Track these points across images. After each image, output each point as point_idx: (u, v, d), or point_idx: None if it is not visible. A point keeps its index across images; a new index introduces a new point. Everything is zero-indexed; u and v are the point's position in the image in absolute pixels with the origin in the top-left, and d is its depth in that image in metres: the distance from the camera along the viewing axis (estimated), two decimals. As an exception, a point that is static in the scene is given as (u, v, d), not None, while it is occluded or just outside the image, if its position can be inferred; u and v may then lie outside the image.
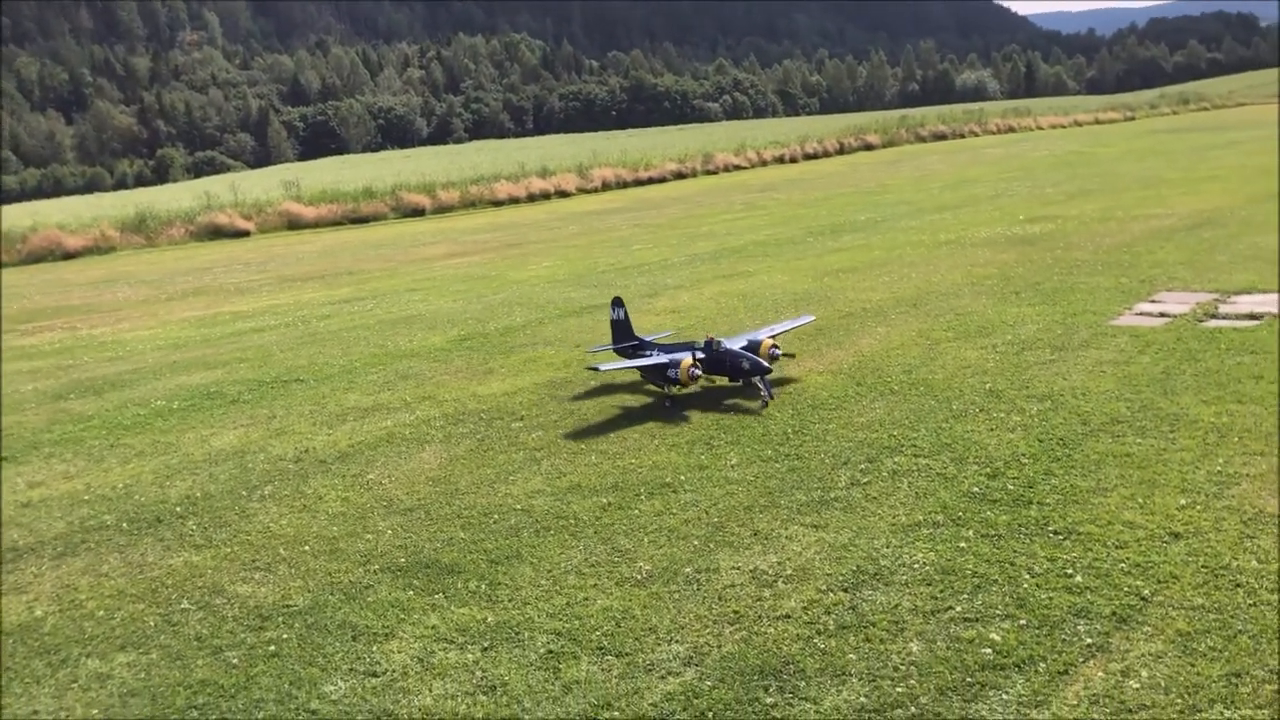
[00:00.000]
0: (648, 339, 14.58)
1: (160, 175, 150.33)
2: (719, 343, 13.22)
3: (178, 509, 10.86)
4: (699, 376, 12.90)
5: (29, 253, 40.22)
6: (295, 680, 7.25)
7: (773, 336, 13.86)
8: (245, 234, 44.99)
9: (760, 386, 12.82)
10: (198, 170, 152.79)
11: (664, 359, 13.28)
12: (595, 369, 14.27)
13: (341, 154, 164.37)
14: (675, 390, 13.30)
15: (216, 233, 44.60)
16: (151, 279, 32.48)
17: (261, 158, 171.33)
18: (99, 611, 8.57)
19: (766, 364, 12.79)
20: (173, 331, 22.05)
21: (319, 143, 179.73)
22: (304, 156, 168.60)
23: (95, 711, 7.04)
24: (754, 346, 13.27)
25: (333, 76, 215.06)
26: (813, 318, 15.15)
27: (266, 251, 39.25)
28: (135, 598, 8.78)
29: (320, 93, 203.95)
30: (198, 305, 26.01)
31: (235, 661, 7.58)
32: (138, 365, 18.45)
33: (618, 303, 14.69)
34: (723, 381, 13.57)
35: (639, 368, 13.59)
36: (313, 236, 44.03)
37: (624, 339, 14.52)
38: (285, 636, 7.90)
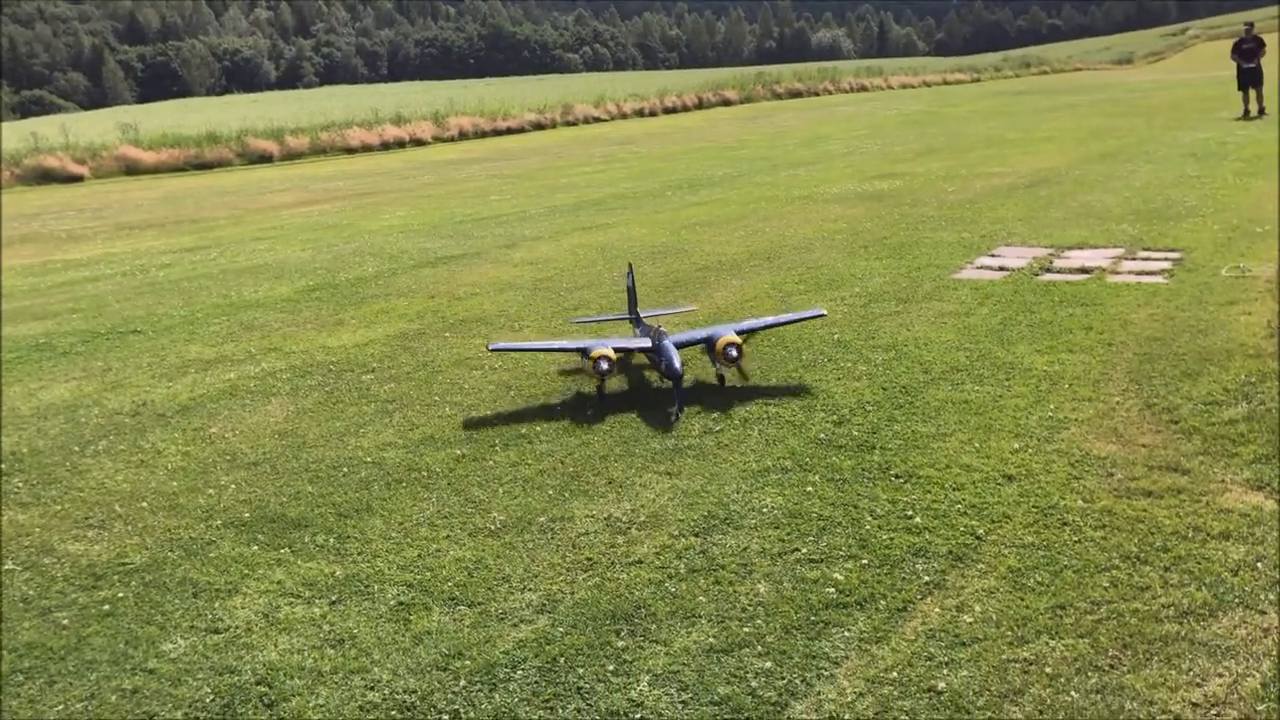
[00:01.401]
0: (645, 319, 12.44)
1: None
2: (657, 331, 11.25)
3: (2, 466, 10.26)
4: (608, 371, 10.60)
5: None
6: (131, 639, 6.97)
7: (751, 330, 11.91)
8: (79, 179, 42.53)
9: (674, 395, 10.72)
10: (24, 110, 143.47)
11: (586, 343, 11.14)
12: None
13: (184, 97, 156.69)
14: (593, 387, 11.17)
15: (46, 177, 42.01)
16: (-27, 225, 30.45)
17: (96, 99, 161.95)
18: (-87, 575, 8.05)
19: (677, 366, 10.51)
20: (-3, 280, 20.74)
21: (159, 85, 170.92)
22: (143, 99, 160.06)
23: (-91, 679, 6.63)
24: (711, 341, 11.02)
25: (174, 15, 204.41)
26: (823, 312, 12.37)
27: (102, 198, 37.23)
28: (-46, 559, 8.28)
29: (160, 32, 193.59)
30: (27, 253, 24.54)
31: (66, 622, 7.24)
32: (-43, 316, 17.31)
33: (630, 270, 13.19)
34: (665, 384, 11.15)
35: (562, 349, 11.62)
36: (153, 183, 41.92)
37: (631, 309, 12.81)
38: (121, 595, 7.58)
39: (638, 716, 5.86)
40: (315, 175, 41.07)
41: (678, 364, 10.53)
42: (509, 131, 58.12)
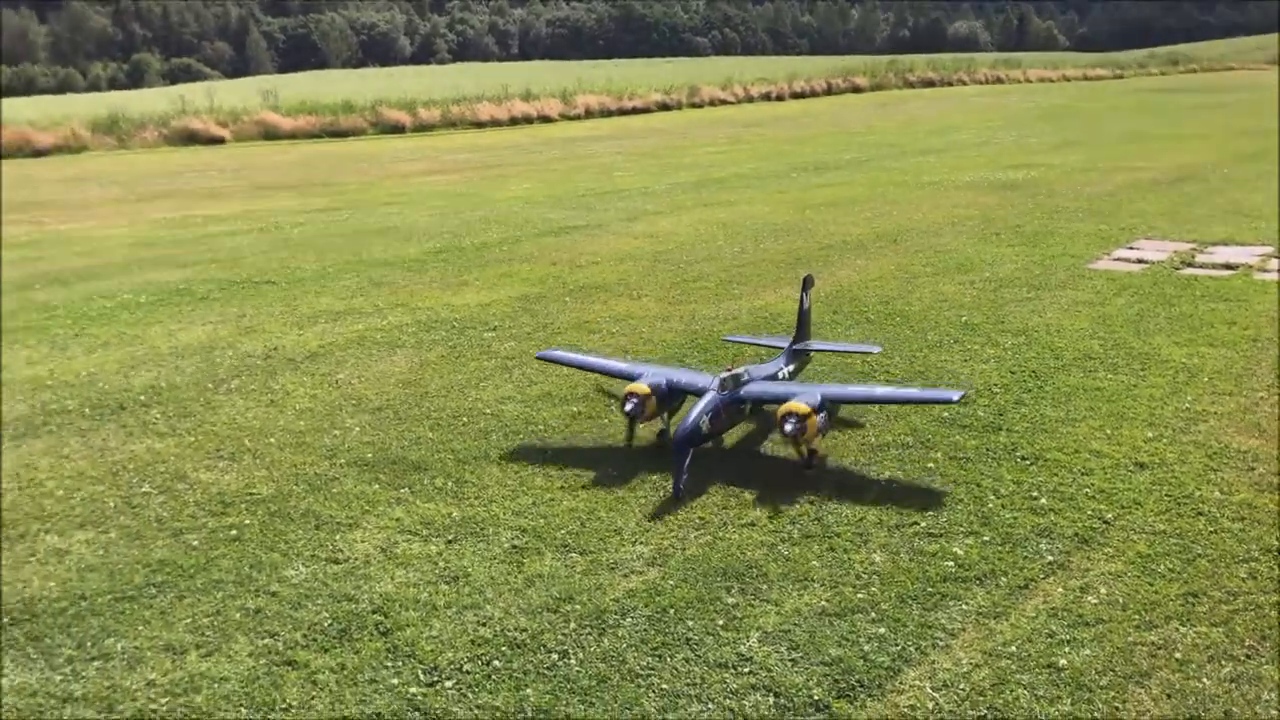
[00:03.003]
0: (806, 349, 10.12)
1: (135, 80, 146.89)
2: (742, 376, 8.70)
3: (141, 398, 10.71)
4: (634, 412, 8.53)
5: (-3, 148, 39.30)
6: (256, 564, 7.20)
7: (853, 401, 9.28)
8: (220, 141, 44.11)
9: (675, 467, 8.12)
10: (173, 77, 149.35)
11: (638, 368, 9.27)
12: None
13: (321, 68, 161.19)
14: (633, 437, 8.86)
15: (190, 138, 43.68)
16: (122, 180, 31.85)
17: (239, 67, 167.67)
18: (58, 491, 8.46)
19: (686, 429, 8.08)
20: (142, 231, 21.66)
21: (298, 56, 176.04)
22: (283, 69, 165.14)
23: (52, 584, 6.97)
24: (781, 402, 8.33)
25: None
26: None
27: (241, 159, 38.54)
28: (95, 480, 8.68)
29: (302, 5, 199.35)
30: (168, 207, 25.54)
31: (196, 544, 7.52)
32: (105, 261, 18.13)
33: (808, 284, 10.19)
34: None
35: (609, 372, 9.67)
36: (289, 147, 43.24)
37: (802, 336, 10.07)
38: (247, 522, 7.84)
39: (746, 670, 5.82)
40: (445, 147, 41.81)
41: (690, 427, 8.05)
42: (635, 111, 58.22)
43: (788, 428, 7.96)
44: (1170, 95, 64.95)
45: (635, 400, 8.53)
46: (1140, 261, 15.47)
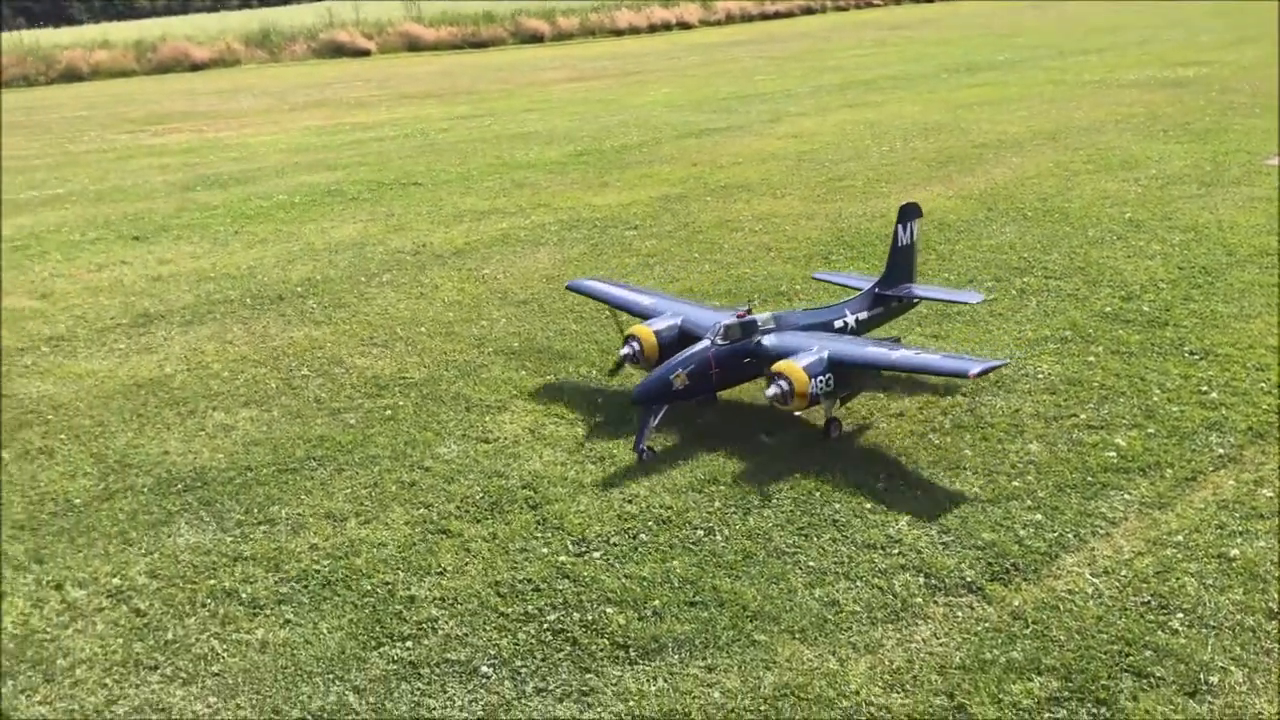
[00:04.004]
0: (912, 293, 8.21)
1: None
2: (759, 324, 7.26)
3: (298, 289, 11.08)
4: (628, 357, 7.51)
5: (158, 63, 40.82)
6: (410, 441, 7.41)
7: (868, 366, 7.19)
8: (366, 53, 44.86)
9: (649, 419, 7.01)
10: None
11: (656, 304, 8.03)
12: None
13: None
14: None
15: (338, 50, 44.55)
16: (274, 91, 32.74)
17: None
18: (224, 373, 8.85)
19: (643, 386, 7.01)
20: (295, 138, 22.25)
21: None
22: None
23: (220, 456, 7.32)
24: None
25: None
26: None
27: (386, 70, 39.13)
28: (258, 363, 9.04)
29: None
30: (319, 116, 26.15)
31: (353, 422, 7.77)
32: (261, 165, 18.72)
33: (909, 214, 8.16)
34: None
35: (629, 309, 8.18)
36: (432, 58, 43.70)
37: (896, 278, 8.14)
38: (401, 404, 8.06)
39: (895, 551, 5.73)
40: (584, 55, 41.60)
41: (654, 381, 6.97)
42: (776, 16, 56.75)
43: (770, 391, 6.74)
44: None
45: (634, 346, 7.44)
46: (1325, 157, 14.38)
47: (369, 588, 5.69)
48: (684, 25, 52.49)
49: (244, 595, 5.68)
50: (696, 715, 4.64)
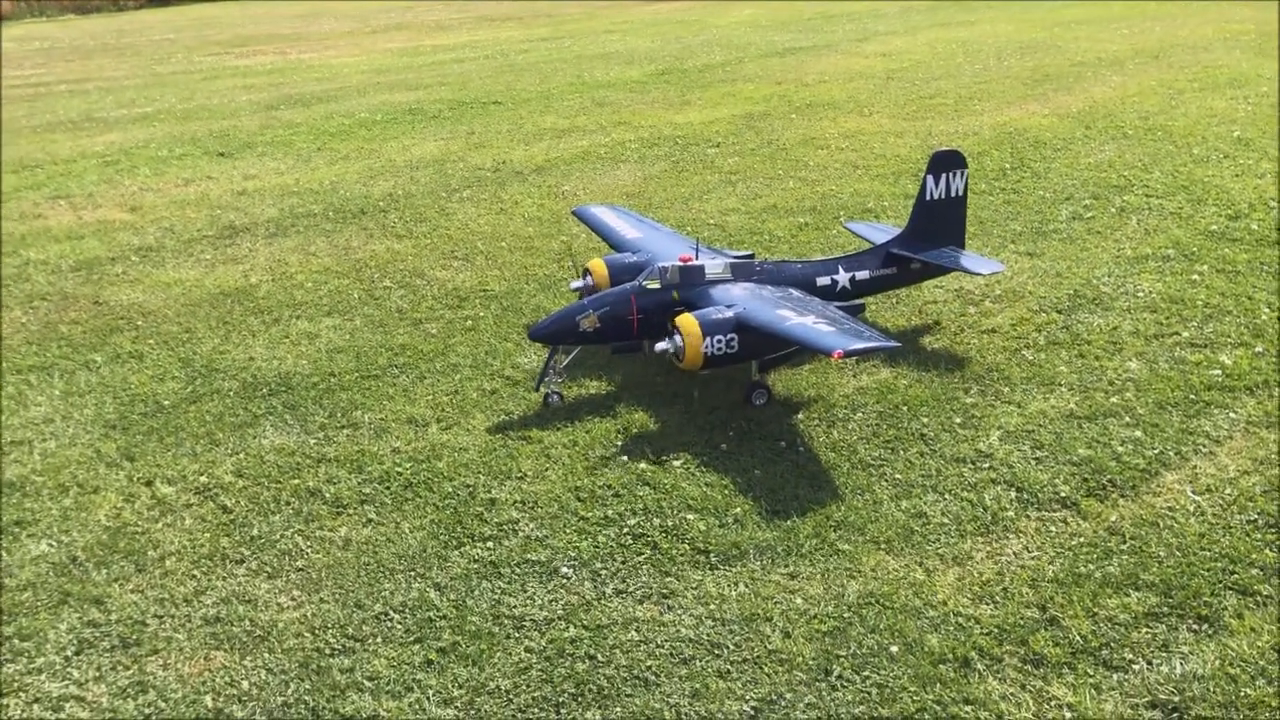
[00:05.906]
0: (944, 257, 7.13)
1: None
2: (705, 272, 6.64)
3: (380, 204, 11.08)
4: (579, 288, 7.12)
5: (243, -13, 41.06)
6: (490, 351, 7.38)
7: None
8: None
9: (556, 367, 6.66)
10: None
11: (633, 241, 7.52)
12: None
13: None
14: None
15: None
16: (355, 14, 32.74)
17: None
18: (307, 283, 8.90)
19: (537, 326, 6.52)
20: (376, 59, 22.24)
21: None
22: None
23: (304, 362, 7.37)
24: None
25: None
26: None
27: (466, -6, 38.91)
28: (340, 274, 9.08)
29: None
30: (399, 38, 26.09)
31: (434, 331, 7.77)
32: (343, 85, 18.73)
33: (944, 163, 7.13)
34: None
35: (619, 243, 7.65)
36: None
37: (923, 237, 7.12)
38: (482, 315, 8.03)
39: (986, 465, 5.56)
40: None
41: (550, 322, 6.42)
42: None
43: (659, 345, 6.19)
44: None
45: (587, 280, 7.00)
46: None
47: (450, 490, 5.69)
48: (768, -54, 51.11)
49: (328, 495, 5.73)
50: (779, 620, 4.57)
